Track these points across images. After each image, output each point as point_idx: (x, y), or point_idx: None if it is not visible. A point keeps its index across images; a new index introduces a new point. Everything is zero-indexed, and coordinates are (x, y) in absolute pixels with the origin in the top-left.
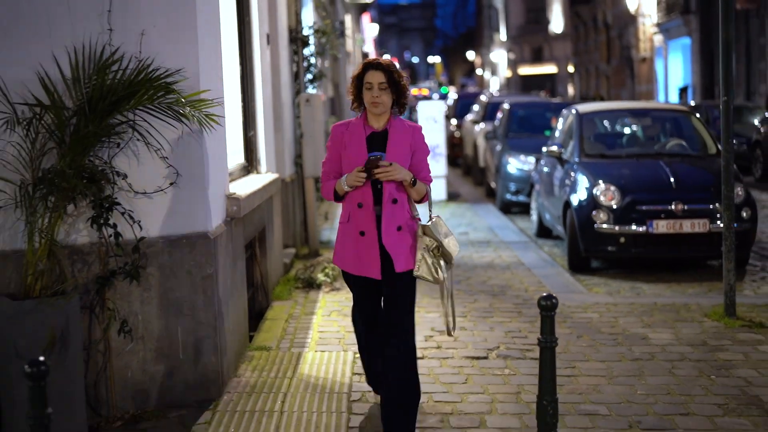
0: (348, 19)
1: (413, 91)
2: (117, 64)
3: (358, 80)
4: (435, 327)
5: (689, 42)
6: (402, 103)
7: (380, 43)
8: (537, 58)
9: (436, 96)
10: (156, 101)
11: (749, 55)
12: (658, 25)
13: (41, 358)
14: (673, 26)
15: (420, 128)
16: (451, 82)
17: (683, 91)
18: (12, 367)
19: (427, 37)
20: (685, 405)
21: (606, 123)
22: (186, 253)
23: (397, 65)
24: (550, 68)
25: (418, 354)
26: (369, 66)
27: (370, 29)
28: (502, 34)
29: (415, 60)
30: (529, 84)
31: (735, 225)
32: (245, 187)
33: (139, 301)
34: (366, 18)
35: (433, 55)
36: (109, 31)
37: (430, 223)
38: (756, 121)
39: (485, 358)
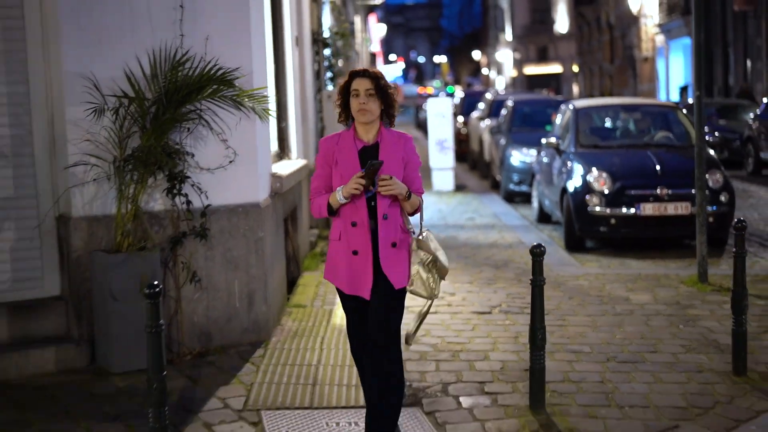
0: (357, 20)
1: (419, 89)
2: (187, 63)
3: (345, 89)
4: (445, 290)
5: (689, 42)
6: (391, 114)
7: (386, 43)
8: (542, 57)
9: (442, 94)
10: (219, 94)
11: (747, 55)
12: (660, 25)
13: (156, 282)
14: (674, 27)
15: (410, 138)
16: (456, 82)
17: (684, 90)
18: (107, 306)
19: (432, 36)
20: (655, 346)
21: (599, 117)
22: (242, 219)
23: (404, 65)
24: (555, 68)
25: (432, 309)
26: (355, 74)
27: (378, 29)
28: (508, 34)
29: (422, 60)
30: (534, 83)
31: (714, 208)
32: (282, 169)
33: (204, 258)
34: (372, 18)
35: (439, 54)
36: (181, 36)
37: (422, 236)
38: (749, 118)
39: (489, 313)
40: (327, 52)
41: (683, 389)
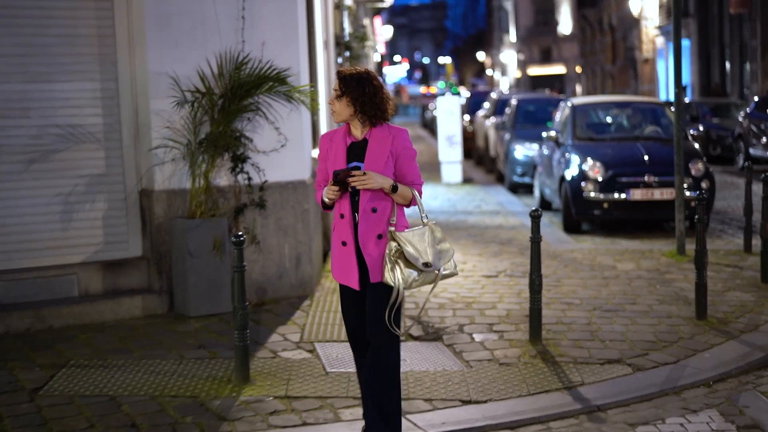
0: (366, 23)
1: (422, 89)
2: (247, 65)
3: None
4: (458, 260)
5: (688, 44)
6: (374, 115)
7: (391, 44)
8: (546, 58)
9: (447, 94)
10: (274, 90)
11: (742, 56)
12: (660, 27)
13: (240, 233)
14: (673, 28)
15: (401, 132)
16: (461, 83)
17: (683, 90)
18: (185, 263)
19: (437, 38)
20: (634, 299)
21: (595, 113)
22: (291, 194)
23: (408, 66)
24: (558, 69)
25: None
26: (337, 74)
27: (384, 31)
28: (512, 36)
29: (426, 61)
30: (538, 84)
31: (696, 194)
32: (316, 155)
33: (260, 226)
34: (378, 20)
35: (444, 55)
36: (242, 42)
37: (408, 230)
38: (740, 117)
39: (496, 276)
40: (347, 54)
41: (654, 329)
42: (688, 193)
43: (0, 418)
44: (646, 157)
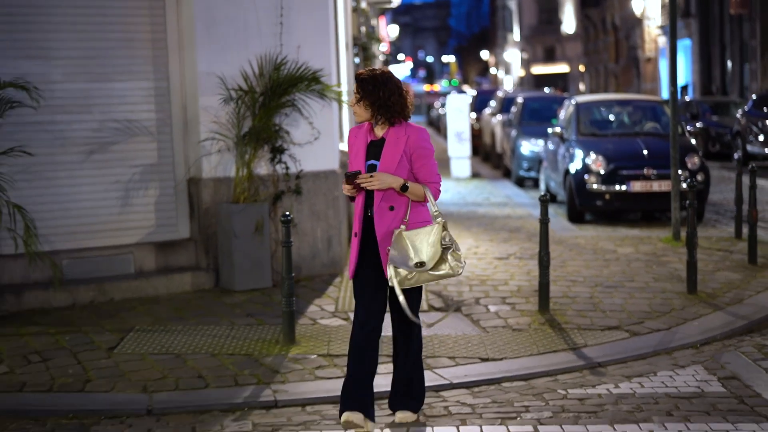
0: (374, 23)
1: (425, 87)
2: (285, 66)
3: None
4: (471, 244)
5: (690, 43)
6: (390, 116)
7: (394, 43)
8: (549, 57)
9: (454, 92)
10: (309, 89)
11: (742, 56)
12: (662, 27)
13: (287, 213)
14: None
15: (418, 132)
16: (465, 81)
17: (684, 89)
18: (230, 243)
19: (440, 36)
20: (632, 277)
21: (597, 110)
22: (323, 182)
23: (412, 64)
24: (562, 67)
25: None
26: (356, 77)
27: (390, 30)
28: (516, 34)
29: (430, 59)
30: (541, 83)
31: (693, 186)
32: (343, 147)
33: (295, 211)
34: (383, 21)
35: (447, 54)
36: (280, 45)
37: (413, 229)
38: (738, 115)
39: (506, 258)
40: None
41: (649, 302)
42: (684, 185)
43: (85, 370)
44: (645, 152)
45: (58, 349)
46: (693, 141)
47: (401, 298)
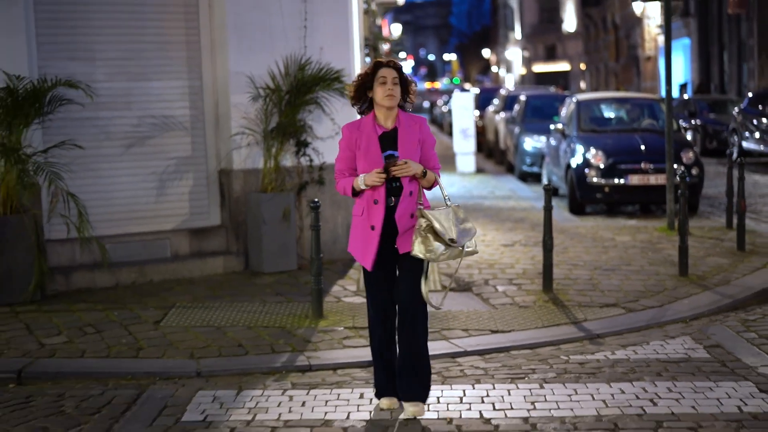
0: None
1: (427, 84)
2: (309, 66)
3: (369, 77)
4: (477, 233)
5: (689, 42)
6: (406, 100)
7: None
8: (550, 55)
9: (456, 91)
10: (331, 88)
11: (740, 55)
12: (661, 26)
13: (316, 200)
14: (674, 28)
15: (424, 120)
16: (466, 79)
17: (683, 87)
18: (259, 229)
19: (442, 34)
20: (629, 262)
21: (597, 107)
22: None
23: (413, 63)
24: (563, 66)
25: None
26: (381, 64)
27: (394, 29)
28: (517, 33)
29: (431, 57)
30: (542, 81)
31: (688, 179)
32: None
33: (319, 200)
34: (388, 19)
35: (449, 52)
36: (304, 47)
37: (448, 206)
38: (734, 112)
39: (512, 245)
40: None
41: (644, 283)
42: (678, 178)
43: (136, 340)
44: (642, 147)
45: (109, 322)
46: (689, 137)
47: (427, 279)
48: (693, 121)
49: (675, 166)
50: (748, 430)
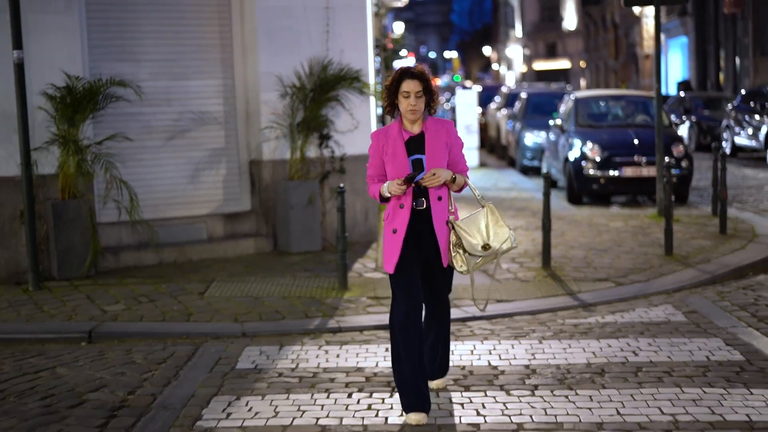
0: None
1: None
2: (330, 67)
3: (395, 88)
4: None
5: (686, 41)
6: (432, 107)
7: (397, 40)
8: (551, 53)
9: (459, 89)
10: (351, 86)
11: (736, 53)
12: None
13: (341, 185)
14: (672, 26)
15: (452, 123)
16: (467, 77)
17: (680, 85)
18: (287, 213)
19: (442, 32)
20: (620, 243)
21: (594, 104)
22: (361, 163)
23: (414, 60)
24: (563, 63)
25: None
26: (405, 74)
27: (396, 28)
28: (518, 31)
29: (432, 55)
30: (543, 78)
31: (678, 171)
32: None
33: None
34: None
35: (450, 50)
36: (327, 50)
37: (467, 216)
38: (728, 109)
39: (514, 230)
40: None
41: (633, 261)
42: (672, 171)
43: (186, 307)
44: (636, 141)
45: (160, 293)
46: (685, 133)
47: (472, 285)
48: (684, 117)
49: (666, 159)
50: (713, 373)
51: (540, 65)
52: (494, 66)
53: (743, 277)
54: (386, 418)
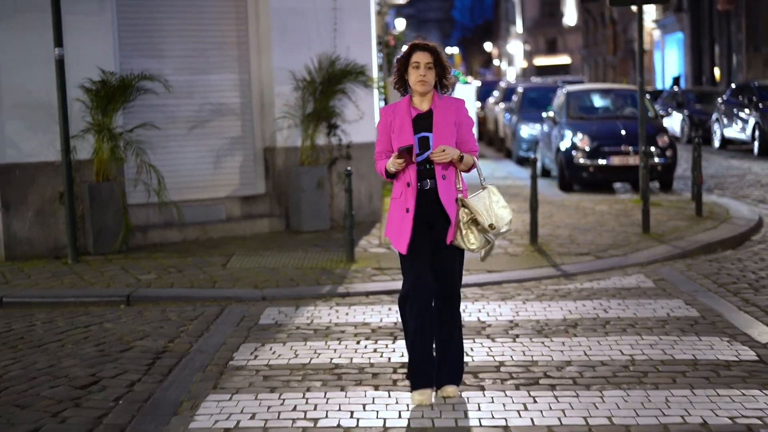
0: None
1: None
2: (338, 62)
3: (405, 60)
4: None
5: (682, 37)
6: (444, 84)
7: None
8: (551, 49)
9: (458, 84)
10: (356, 80)
11: (730, 49)
12: (656, 21)
13: (349, 168)
14: (668, 22)
15: (463, 102)
16: (469, 72)
17: (676, 80)
18: (299, 196)
19: (444, 28)
20: (603, 224)
21: (584, 97)
22: (366, 151)
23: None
24: (563, 59)
25: None
26: (416, 47)
27: (397, 24)
28: (518, 27)
29: None
30: (543, 74)
31: (662, 160)
32: None
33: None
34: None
35: (451, 46)
36: (335, 47)
37: (472, 195)
38: (718, 103)
39: None
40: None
41: (613, 238)
42: (657, 160)
43: (210, 276)
44: (623, 132)
45: (186, 265)
46: (675, 125)
47: (486, 255)
48: (669, 110)
49: (652, 149)
50: (670, 326)
51: (540, 61)
52: (495, 62)
53: (712, 252)
54: (389, 358)
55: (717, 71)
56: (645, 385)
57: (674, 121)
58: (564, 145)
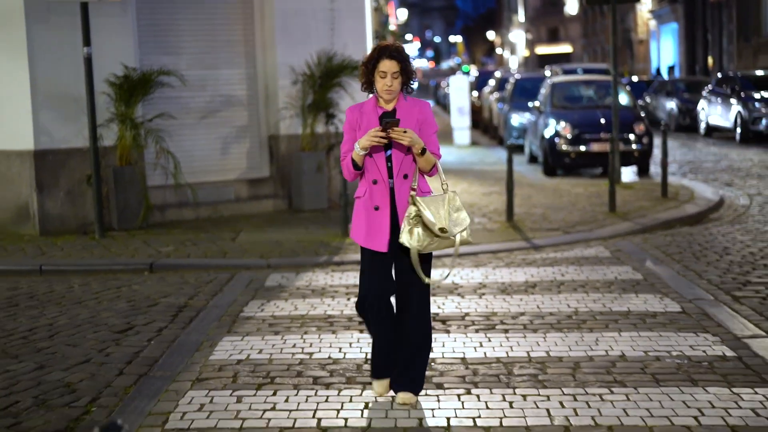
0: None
1: (430, 64)
2: (335, 58)
3: (372, 66)
4: (464, 186)
5: (676, 27)
6: (409, 88)
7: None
8: (553, 38)
9: (458, 73)
10: (352, 74)
11: (722, 39)
12: (652, 11)
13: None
14: (663, 13)
15: (427, 104)
16: (472, 61)
17: (671, 69)
18: (300, 178)
19: (448, 16)
20: (575, 204)
21: (568, 88)
22: None
23: (418, 44)
24: (565, 48)
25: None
26: (382, 53)
27: (399, 14)
28: (521, 16)
29: (437, 39)
30: (545, 62)
31: (639, 147)
32: None
33: None
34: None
35: (454, 34)
36: (332, 44)
37: (429, 196)
38: (704, 92)
39: (490, 194)
40: None
41: (582, 217)
42: (634, 147)
43: (222, 249)
44: (603, 120)
45: (200, 239)
46: (663, 114)
47: (416, 264)
48: (647, 99)
49: (631, 136)
50: (615, 286)
51: (542, 50)
52: (498, 50)
53: (670, 228)
54: None
55: (710, 61)
56: (582, 329)
57: (664, 110)
58: (548, 132)
